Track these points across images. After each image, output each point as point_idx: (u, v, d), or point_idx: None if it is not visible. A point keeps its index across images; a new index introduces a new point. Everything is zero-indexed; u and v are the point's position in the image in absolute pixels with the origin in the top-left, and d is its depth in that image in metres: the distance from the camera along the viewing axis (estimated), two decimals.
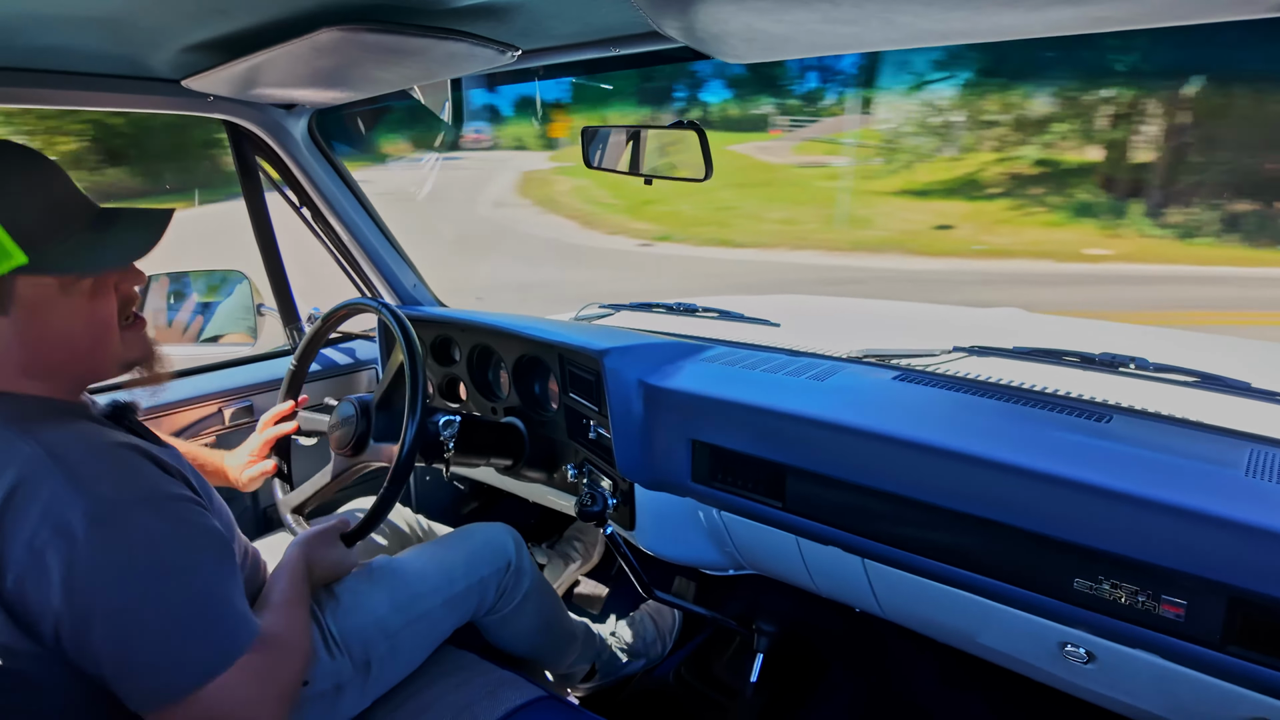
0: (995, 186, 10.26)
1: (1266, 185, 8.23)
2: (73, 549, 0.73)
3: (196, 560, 0.80)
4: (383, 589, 1.22)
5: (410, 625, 1.22)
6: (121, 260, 0.86)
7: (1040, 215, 9.54)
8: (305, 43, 0.96)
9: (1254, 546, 0.80)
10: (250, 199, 1.74)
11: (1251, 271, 7.73)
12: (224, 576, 0.83)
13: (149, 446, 0.86)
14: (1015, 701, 1.57)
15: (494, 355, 1.64)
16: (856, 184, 11.49)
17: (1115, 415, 1.10)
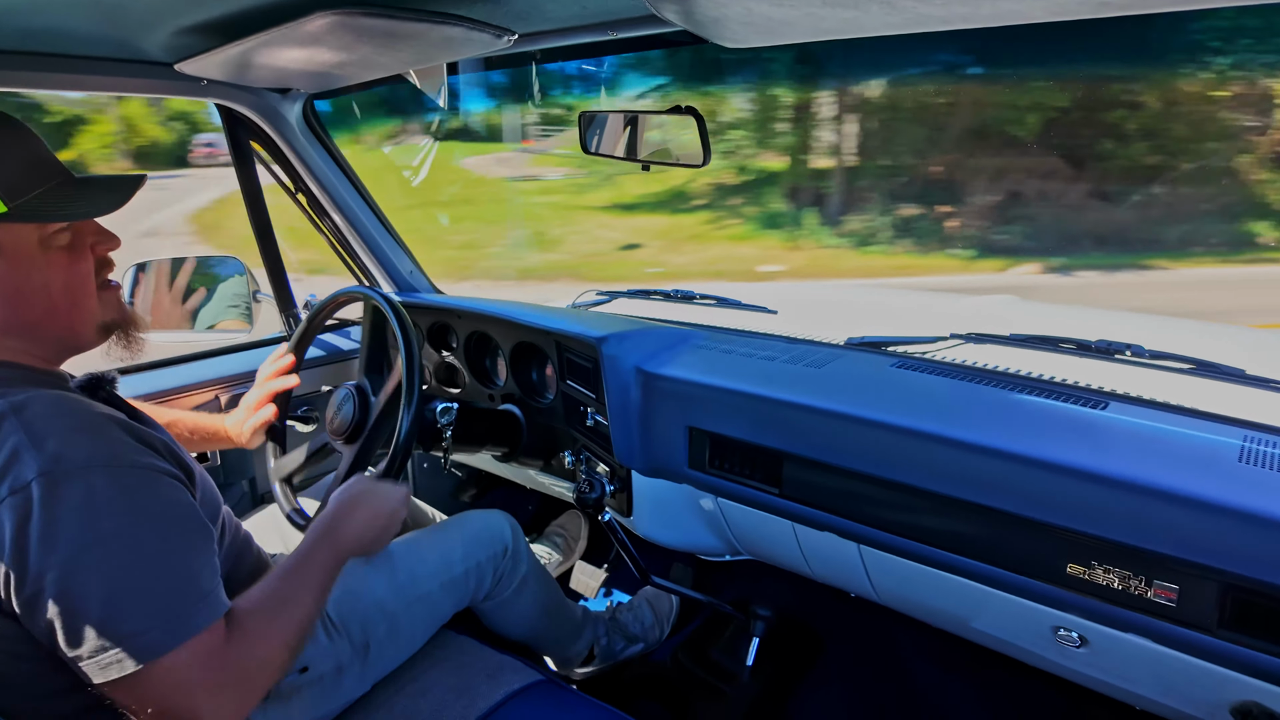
0: (700, 198, 9.48)
1: (932, 189, 7.89)
2: (26, 507, 0.72)
3: (153, 531, 0.78)
4: (380, 572, 1.23)
5: (409, 607, 1.23)
6: (98, 210, 0.88)
7: (733, 228, 8.89)
8: (300, 26, 0.95)
9: (1246, 532, 0.81)
10: (245, 184, 1.73)
11: (924, 281, 7.48)
12: (186, 550, 0.81)
13: (123, 418, 0.85)
14: (1009, 685, 1.58)
15: (491, 342, 1.64)
16: (569, 199, 10.46)
17: (1111, 402, 1.11)
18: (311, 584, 0.95)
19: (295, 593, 0.92)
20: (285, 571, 0.94)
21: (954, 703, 1.61)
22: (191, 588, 0.80)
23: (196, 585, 0.80)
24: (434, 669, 1.23)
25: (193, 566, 0.81)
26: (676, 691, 1.60)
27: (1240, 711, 0.97)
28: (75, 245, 0.88)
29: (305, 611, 0.92)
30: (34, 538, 0.72)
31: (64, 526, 0.73)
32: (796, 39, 0.95)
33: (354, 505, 1.06)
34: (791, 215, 8.79)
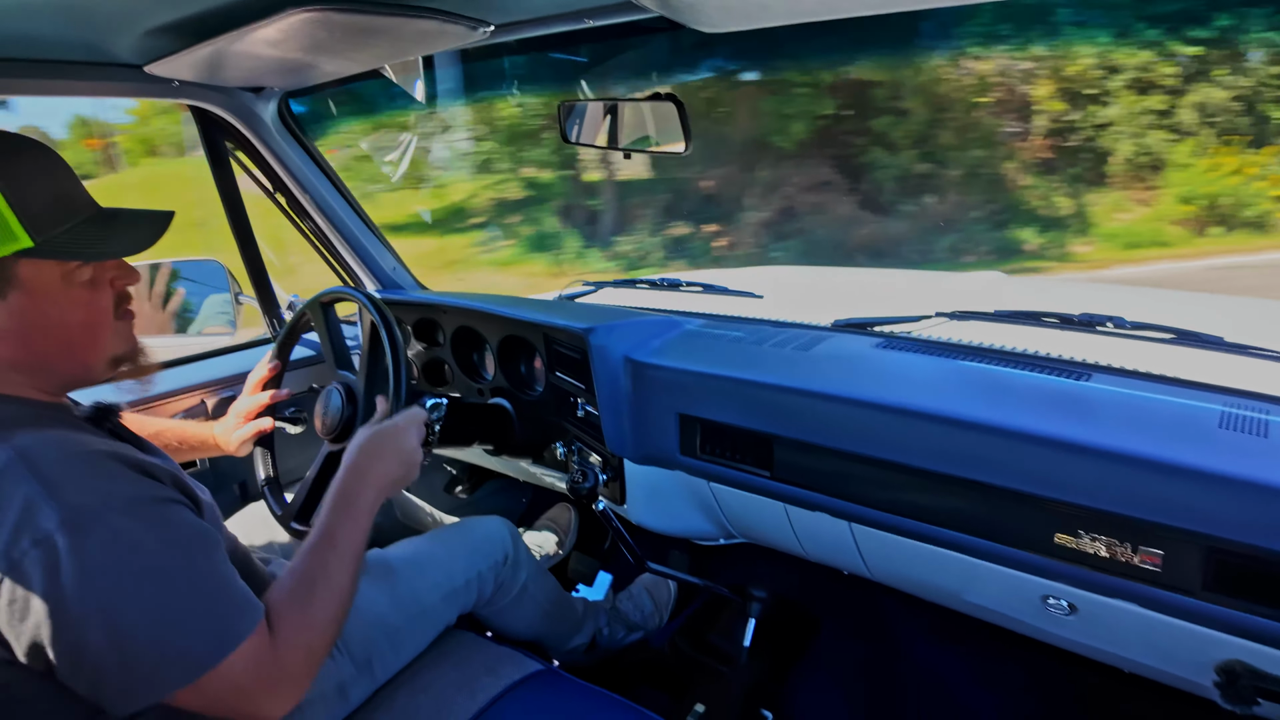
0: (480, 215, 8.40)
1: (703, 205, 7.30)
2: (54, 558, 0.72)
3: (181, 556, 0.79)
4: (381, 587, 1.22)
5: (411, 621, 1.22)
6: (126, 250, 0.87)
7: (503, 251, 7.94)
8: (272, 24, 0.94)
9: (1228, 496, 0.82)
10: (222, 186, 1.71)
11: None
12: (213, 566, 0.82)
13: (129, 451, 0.84)
14: (1001, 654, 1.61)
15: (478, 337, 1.64)
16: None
17: (1094, 373, 1.12)
18: (342, 553, 0.95)
19: (326, 568, 0.92)
20: (311, 548, 0.94)
21: (948, 674, 1.63)
22: (227, 598, 0.81)
23: (230, 595, 0.82)
24: (434, 665, 1.24)
25: (224, 578, 0.82)
26: (675, 676, 1.62)
27: (1225, 670, 0.99)
28: (96, 280, 0.86)
29: (342, 583, 0.92)
30: (69, 587, 0.72)
31: (97, 571, 0.73)
32: (774, 22, 0.94)
33: (369, 458, 1.06)
34: (562, 236, 7.92)
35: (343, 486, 1.02)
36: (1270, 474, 0.82)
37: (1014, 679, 1.59)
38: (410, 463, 1.10)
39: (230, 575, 0.84)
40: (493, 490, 2.14)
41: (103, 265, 0.87)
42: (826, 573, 1.57)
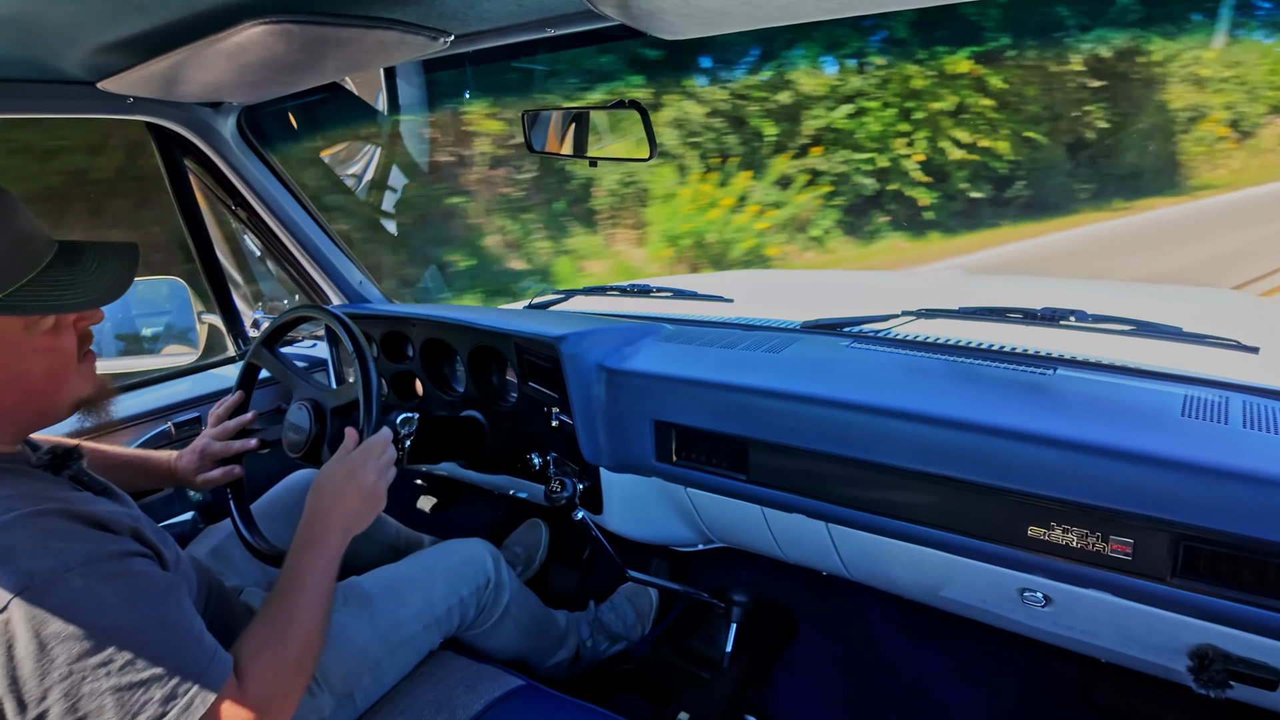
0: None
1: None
2: (8, 632, 0.69)
3: (146, 609, 0.77)
4: (361, 619, 1.19)
5: (392, 653, 1.20)
6: (98, 300, 0.83)
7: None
8: (228, 38, 0.92)
9: (1192, 483, 0.84)
10: (182, 204, 1.67)
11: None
12: (179, 618, 0.80)
13: (86, 504, 0.81)
14: (980, 648, 1.63)
15: (448, 349, 1.62)
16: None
17: (1058, 367, 1.14)
18: (311, 597, 0.93)
19: (295, 612, 0.91)
20: (279, 593, 0.92)
21: (928, 670, 1.65)
22: (199, 652, 0.79)
23: (202, 647, 0.80)
24: (411, 685, 1.22)
25: (189, 633, 0.80)
26: (658, 684, 1.61)
27: (1197, 655, 1.01)
28: (60, 326, 0.82)
29: (311, 626, 0.91)
30: (26, 662, 0.69)
31: (55, 641, 0.70)
32: (735, 28, 0.95)
33: (332, 498, 1.03)
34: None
35: (306, 530, 0.99)
36: (1232, 459, 0.84)
37: (993, 672, 1.60)
38: (374, 496, 1.06)
39: (196, 629, 0.81)
40: (466, 504, 2.12)
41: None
42: (805, 574, 1.57)
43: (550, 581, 2.00)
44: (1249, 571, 0.83)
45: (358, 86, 1.63)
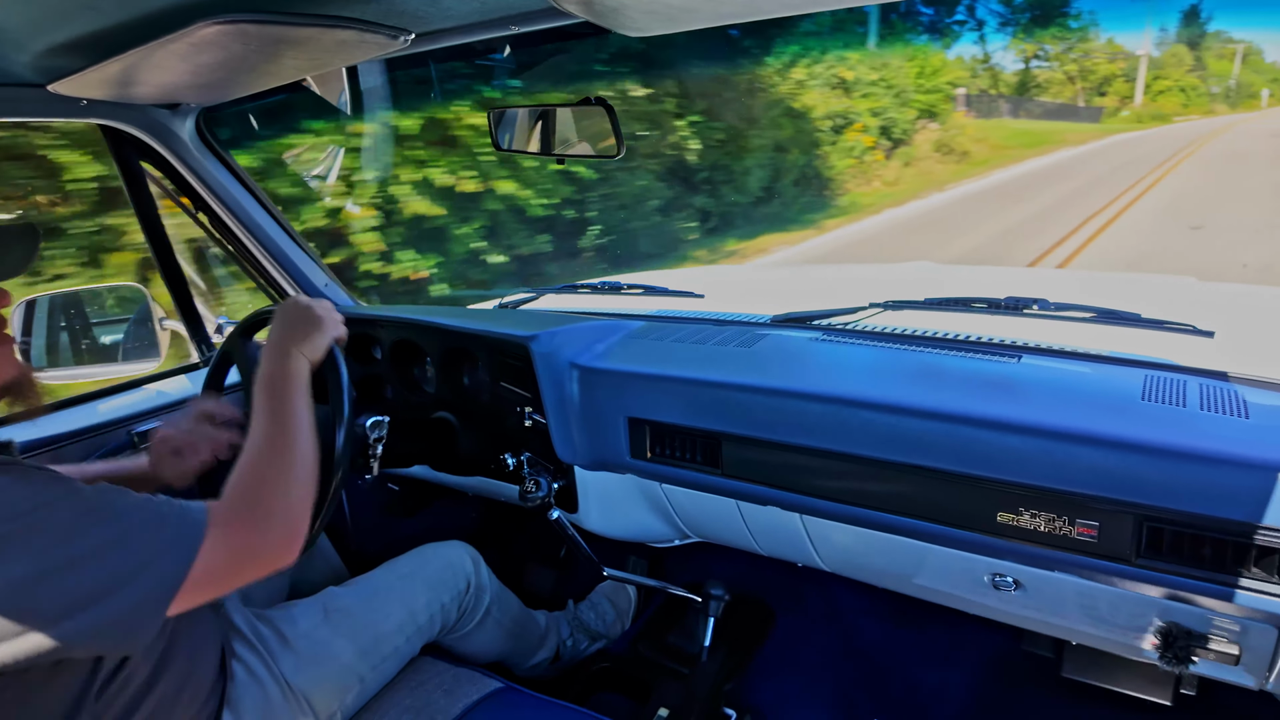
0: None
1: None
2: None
3: (102, 499, 0.78)
4: (344, 635, 1.17)
5: (376, 668, 1.19)
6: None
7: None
8: (183, 38, 0.90)
9: (1153, 465, 0.86)
10: (140, 208, 1.63)
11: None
12: (132, 497, 0.81)
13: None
14: (954, 634, 1.66)
15: (418, 350, 1.60)
16: None
17: (1023, 354, 1.16)
18: (286, 422, 0.97)
19: (274, 441, 0.95)
20: (258, 436, 0.96)
21: (903, 655, 1.67)
22: (168, 508, 0.81)
23: (169, 503, 0.82)
24: (389, 692, 1.20)
25: (153, 499, 0.82)
26: (637, 680, 1.61)
27: (1163, 633, 1.04)
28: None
29: (294, 445, 0.95)
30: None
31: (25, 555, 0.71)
32: (699, 25, 0.95)
33: (283, 329, 1.08)
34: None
35: (267, 366, 1.03)
36: (1190, 441, 0.86)
37: (967, 656, 1.63)
38: (323, 318, 1.11)
39: (149, 495, 0.83)
40: (440, 508, 2.10)
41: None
42: (781, 566, 1.59)
43: (527, 581, 1.99)
44: (1209, 549, 0.86)
45: (320, 86, 1.61)
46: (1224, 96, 35.51)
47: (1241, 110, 33.15)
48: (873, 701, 1.60)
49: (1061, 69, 27.86)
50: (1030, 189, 12.38)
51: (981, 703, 1.55)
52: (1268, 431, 0.88)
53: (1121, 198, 10.94)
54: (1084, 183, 12.74)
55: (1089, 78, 29.07)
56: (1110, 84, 29.98)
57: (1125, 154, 17.09)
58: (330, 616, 1.18)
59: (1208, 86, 34.58)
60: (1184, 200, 10.76)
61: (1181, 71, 32.94)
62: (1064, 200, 11.03)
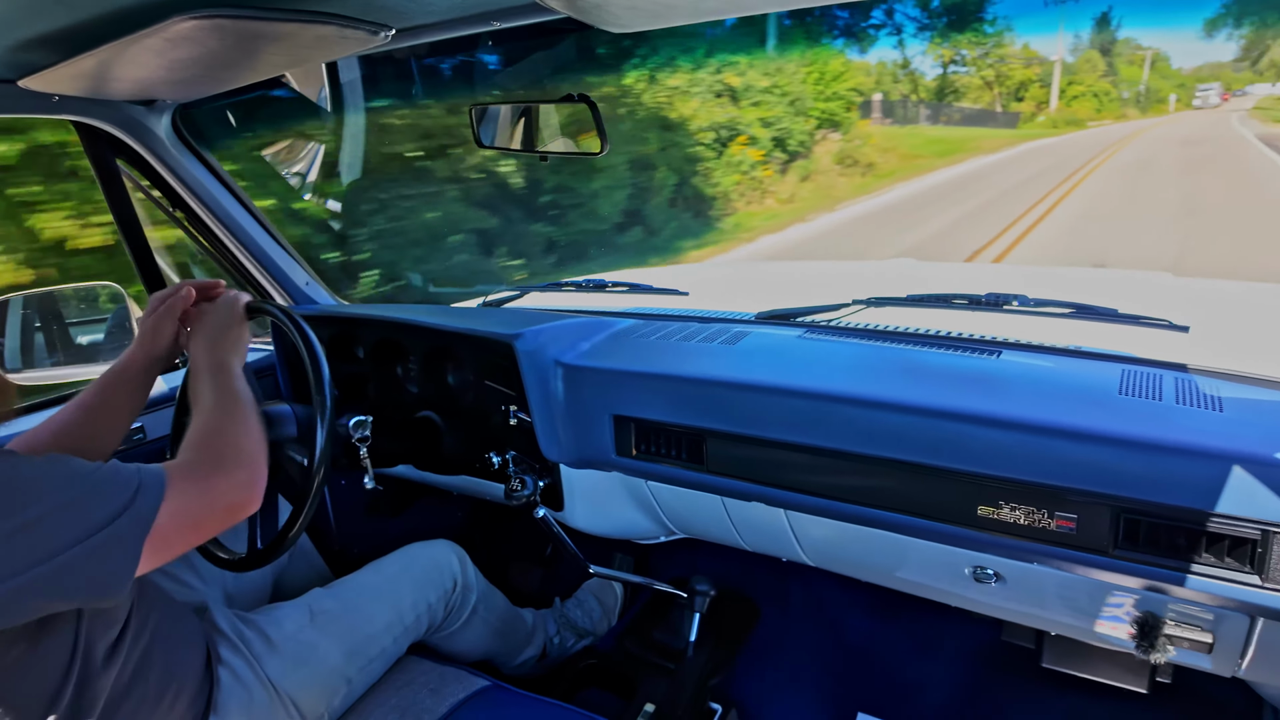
0: None
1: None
2: None
3: (53, 466, 0.77)
4: (331, 637, 1.16)
5: (363, 670, 1.18)
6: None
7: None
8: (159, 33, 0.89)
9: (1130, 457, 0.87)
10: (115, 206, 1.61)
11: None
12: (90, 466, 0.80)
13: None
14: (937, 626, 1.67)
15: (400, 350, 1.60)
16: None
17: (1003, 350, 1.18)
18: (227, 395, 0.98)
19: (217, 406, 0.96)
20: (199, 408, 0.97)
21: (887, 648, 1.69)
22: (124, 468, 0.80)
23: (125, 466, 0.81)
24: (375, 692, 1.20)
25: (106, 464, 0.81)
26: (623, 677, 1.61)
27: (1139, 622, 1.06)
28: None
29: (237, 408, 0.96)
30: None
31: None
32: (680, 21, 0.95)
33: (204, 340, 1.07)
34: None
35: (204, 367, 1.03)
36: (1167, 433, 0.87)
37: (950, 648, 1.65)
38: (217, 320, 1.10)
39: (110, 462, 0.82)
40: (424, 507, 2.09)
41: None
42: (766, 561, 1.59)
43: (513, 580, 1.99)
44: (1184, 540, 0.87)
45: (299, 82, 1.59)
46: (1135, 101, 36.47)
47: (1151, 115, 33.83)
48: (857, 694, 1.62)
49: (979, 74, 27.95)
50: (935, 203, 11.68)
51: (964, 693, 1.57)
52: (1240, 424, 0.89)
53: (1030, 212, 10.46)
54: (994, 196, 12.23)
55: (1006, 83, 29.17)
56: (1027, 89, 30.23)
57: (1037, 163, 16.76)
58: (316, 618, 1.17)
59: (1119, 92, 35.37)
60: (1093, 214, 10.45)
61: (1094, 77, 33.50)
62: (971, 215, 10.48)
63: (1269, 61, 31.93)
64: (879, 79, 23.42)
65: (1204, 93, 36.98)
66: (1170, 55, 39.75)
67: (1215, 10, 30.47)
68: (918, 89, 23.91)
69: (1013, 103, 29.62)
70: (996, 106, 28.73)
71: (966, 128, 24.04)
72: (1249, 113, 26.05)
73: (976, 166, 17.05)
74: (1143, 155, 16.98)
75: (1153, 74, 38.17)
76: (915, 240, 9.11)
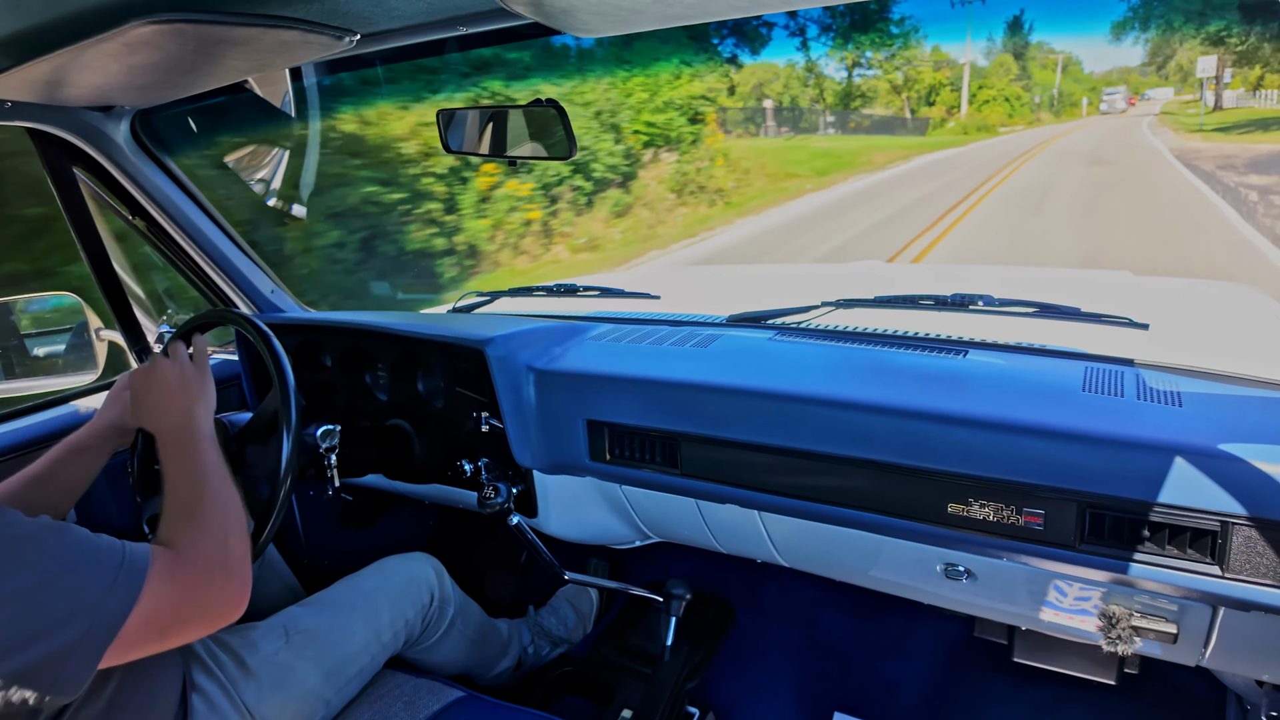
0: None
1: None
2: None
3: (36, 539, 0.74)
4: (308, 659, 1.13)
5: (342, 690, 1.16)
6: None
7: None
8: (115, 38, 0.87)
9: (1094, 453, 0.89)
10: (72, 214, 1.56)
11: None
12: (69, 532, 0.77)
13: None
14: (910, 623, 1.69)
15: (368, 357, 1.57)
16: None
17: (969, 350, 1.19)
18: (206, 478, 0.93)
19: (193, 493, 0.90)
20: (179, 492, 0.91)
21: (862, 647, 1.70)
22: (100, 546, 0.77)
23: (111, 542, 0.77)
24: (349, 707, 1.18)
25: (86, 536, 0.77)
26: (600, 683, 1.61)
27: (1105, 615, 1.08)
28: None
29: (217, 494, 0.91)
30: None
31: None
32: (647, 26, 0.95)
33: (140, 407, 1.02)
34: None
35: (159, 440, 0.98)
36: (1128, 429, 0.89)
37: (923, 645, 1.67)
38: (170, 378, 1.03)
39: (97, 536, 0.78)
40: (396, 517, 2.06)
41: None
42: (741, 563, 1.60)
43: (487, 589, 1.97)
44: (1147, 533, 0.89)
45: (263, 88, 1.57)
46: (1048, 105, 36.32)
47: (1065, 119, 33.44)
48: (833, 693, 1.63)
49: (886, 77, 26.84)
50: (787, 241, 9.32)
51: (938, 689, 1.59)
52: (1198, 419, 0.92)
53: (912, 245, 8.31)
54: (865, 229, 9.79)
55: (914, 87, 28.20)
56: (939, 93, 29.34)
57: (932, 181, 14.12)
58: (292, 639, 1.15)
59: (1031, 96, 34.93)
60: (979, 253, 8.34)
61: (1006, 81, 32.94)
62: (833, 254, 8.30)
63: (1175, 66, 31.90)
64: (786, 83, 22.02)
65: (1110, 96, 37.12)
66: (1082, 60, 39.68)
67: (1122, 13, 29.90)
68: (824, 95, 22.48)
69: (924, 107, 28.74)
70: (906, 112, 27.93)
71: (871, 136, 22.56)
72: (1158, 119, 25.74)
73: (856, 189, 14.31)
74: (1041, 181, 13.66)
75: (1065, 78, 38.02)
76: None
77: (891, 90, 27.34)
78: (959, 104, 29.81)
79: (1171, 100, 32.29)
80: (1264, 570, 0.84)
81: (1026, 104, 33.57)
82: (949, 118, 29.15)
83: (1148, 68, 35.38)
